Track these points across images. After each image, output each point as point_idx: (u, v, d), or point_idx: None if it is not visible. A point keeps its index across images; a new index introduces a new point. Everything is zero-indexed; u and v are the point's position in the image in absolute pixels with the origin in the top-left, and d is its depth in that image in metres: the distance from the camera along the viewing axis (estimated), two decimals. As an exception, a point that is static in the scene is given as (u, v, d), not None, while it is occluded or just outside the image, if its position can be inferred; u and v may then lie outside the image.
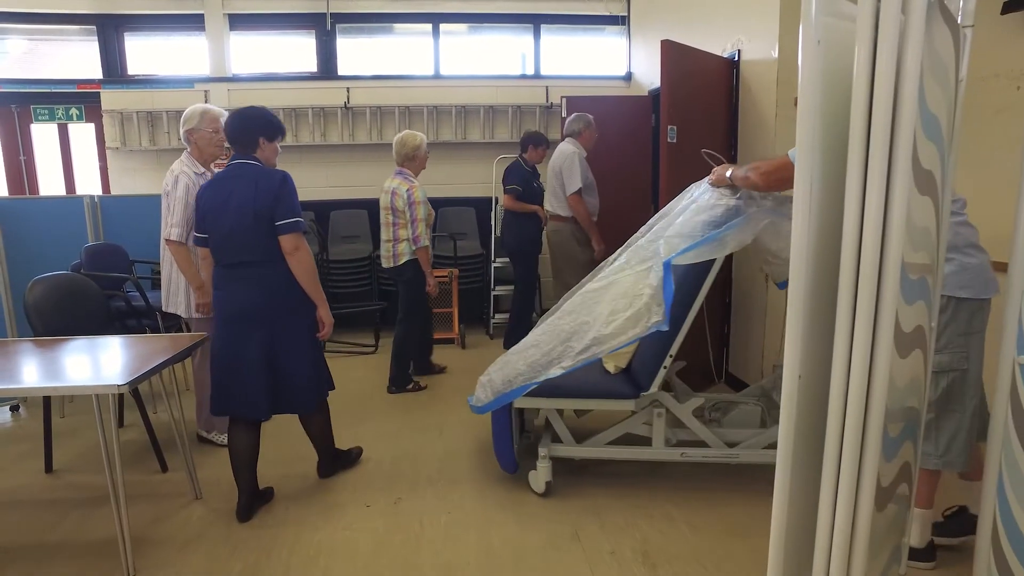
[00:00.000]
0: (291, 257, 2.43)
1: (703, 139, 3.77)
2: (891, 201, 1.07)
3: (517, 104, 5.80)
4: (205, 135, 3.03)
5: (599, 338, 2.35)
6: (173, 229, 2.91)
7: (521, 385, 2.53)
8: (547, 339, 2.56)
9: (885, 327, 1.07)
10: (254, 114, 2.51)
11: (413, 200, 3.73)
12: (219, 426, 3.19)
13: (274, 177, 2.44)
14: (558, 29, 6.06)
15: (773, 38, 3.45)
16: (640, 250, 2.50)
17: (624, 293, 2.42)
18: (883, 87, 1.04)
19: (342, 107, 5.52)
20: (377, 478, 2.86)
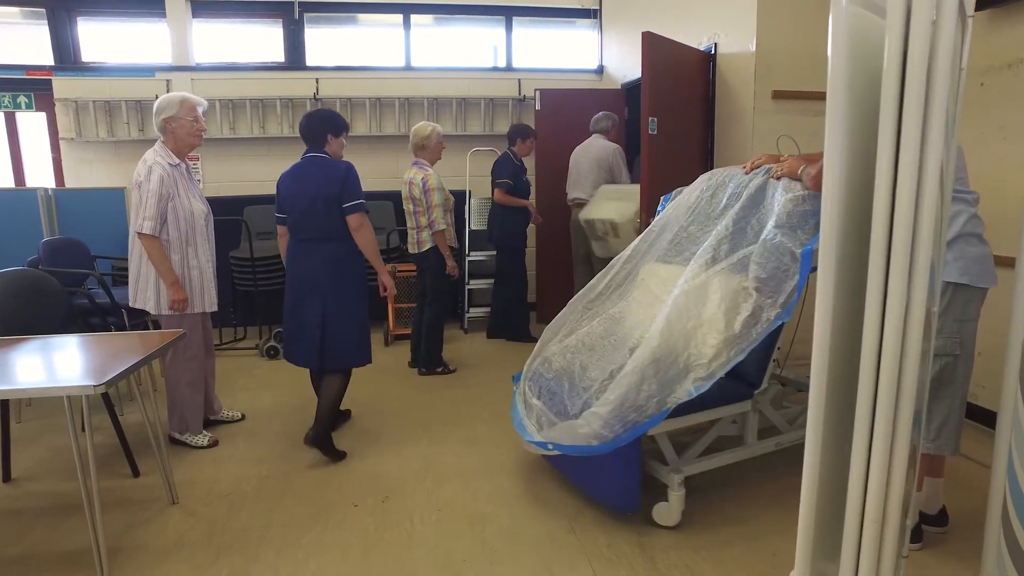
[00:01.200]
0: (356, 233, 2.90)
1: (682, 131, 3.79)
2: (922, 191, 1.06)
3: (490, 97, 5.75)
4: (185, 124, 2.92)
5: (728, 340, 2.13)
6: (146, 222, 2.80)
7: (661, 411, 2.12)
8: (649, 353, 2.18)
9: (917, 306, 1.06)
10: (322, 115, 3.00)
11: (428, 187, 3.91)
12: (193, 427, 3.07)
13: (340, 168, 2.90)
14: (530, 21, 6.02)
15: (751, 32, 3.48)
16: (710, 249, 2.33)
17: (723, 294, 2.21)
18: (915, 81, 1.03)
19: (311, 99, 5.38)
20: (361, 477, 2.78)
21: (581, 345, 2.47)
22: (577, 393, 2.32)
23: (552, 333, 2.67)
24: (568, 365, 2.46)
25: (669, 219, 2.61)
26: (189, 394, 3.03)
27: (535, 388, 2.51)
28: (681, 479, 2.28)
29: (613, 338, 2.39)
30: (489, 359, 4.55)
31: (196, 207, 2.98)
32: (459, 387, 3.96)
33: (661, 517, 2.32)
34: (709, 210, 2.46)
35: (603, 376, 2.24)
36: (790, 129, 3.56)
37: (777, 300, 2.08)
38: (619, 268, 2.62)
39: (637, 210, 3.58)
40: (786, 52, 3.49)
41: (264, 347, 4.51)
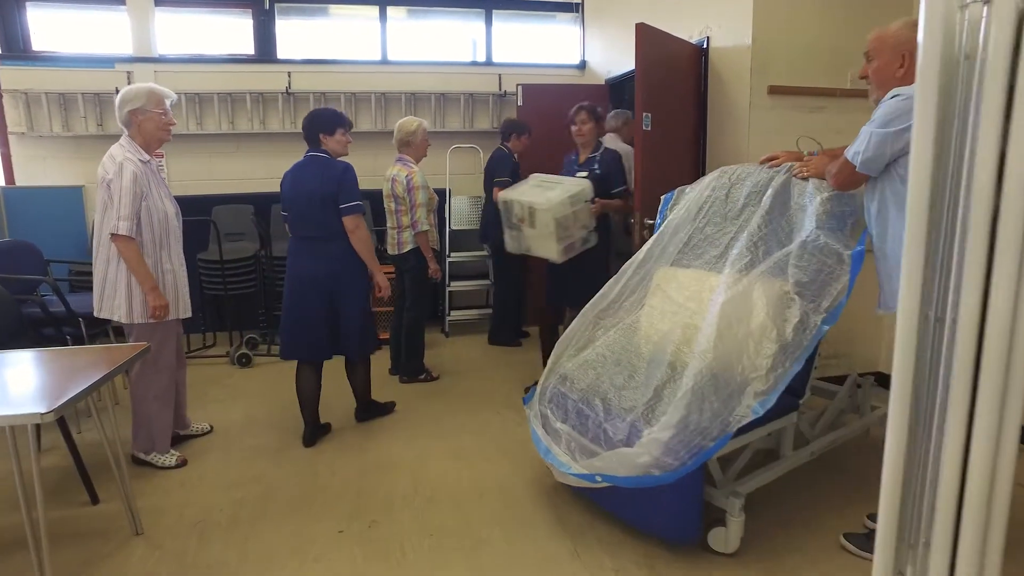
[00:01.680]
0: (352, 235, 2.96)
1: (674, 128, 3.66)
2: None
3: (469, 92, 5.55)
4: (152, 117, 2.71)
5: (783, 349, 1.96)
6: (122, 222, 2.58)
7: (727, 432, 1.94)
8: (706, 368, 1.98)
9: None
10: (315, 115, 3.08)
11: (412, 185, 3.72)
12: (160, 445, 2.83)
13: (336, 168, 2.96)
14: (510, 15, 5.84)
15: (747, 25, 3.36)
16: (746, 252, 2.16)
17: (768, 300, 2.05)
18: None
19: (283, 93, 5.11)
20: (345, 499, 2.58)
21: (603, 359, 2.28)
22: (617, 416, 2.10)
23: (564, 346, 2.47)
24: (595, 383, 2.25)
25: (680, 220, 2.44)
26: (157, 409, 2.81)
27: (558, 411, 2.29)
28: (741, 503, 2.09)
29: (641, 351, 2.20)
30: (473, 365, 4.37)
31: (168, 207, 2.79)
32: (443, 396, 3.77)
33: (718, 543, 2.11)
34: (725, 210, 2.31)
35: (646, 396, 2.05)
36: (787, 125, 3.46)
37: (820, 304, 1.95)
38: (631, 273, 2.43)
39: (564, 202, 3.14)
40: (783, 46, 3.37)
41: (235, 355, 4.26)
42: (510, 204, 3.42)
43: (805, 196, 2.15)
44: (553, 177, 3.52)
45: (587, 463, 2.04)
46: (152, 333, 2.74)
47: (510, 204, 3.42)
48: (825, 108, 3.49)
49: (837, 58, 3.45)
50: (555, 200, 3.17)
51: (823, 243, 2.00)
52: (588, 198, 3.29)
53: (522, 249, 3.49)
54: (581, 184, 3.32)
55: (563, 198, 3.20)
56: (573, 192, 3.24)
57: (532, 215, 3.26)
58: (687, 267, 2.28)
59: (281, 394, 3.76)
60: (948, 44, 0.99)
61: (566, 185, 3.32)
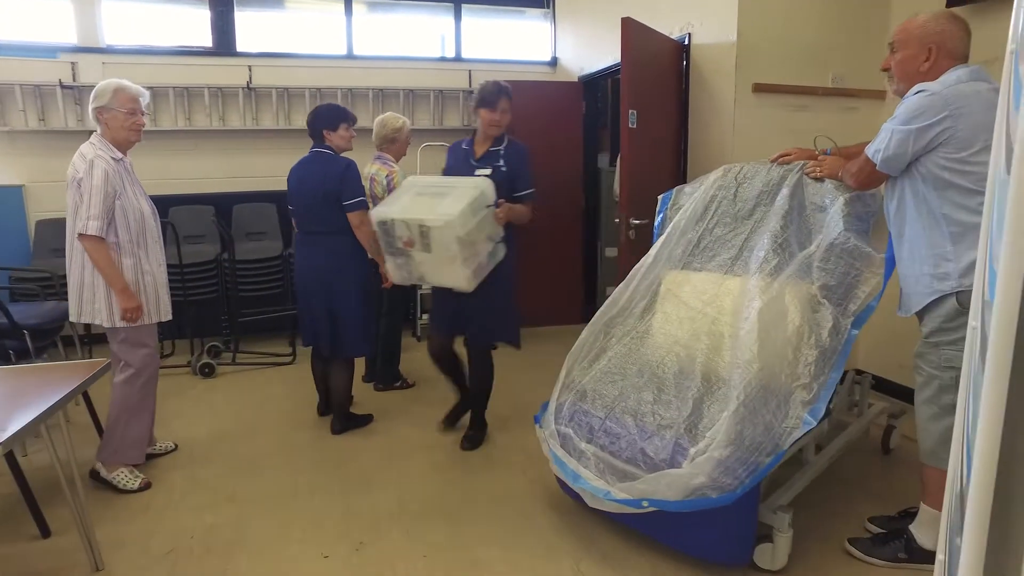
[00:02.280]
0: (358, 230, 3.00)
1: (658, 126, 3.59)
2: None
3: (439, 88, 5.40)
4: (118, 117, 2.54)
5: (824, 354, 1.88)
6: (91, 222, 2.43)
7: (782, 447, 1.85)
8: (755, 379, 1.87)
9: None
10: (318, 111, 3.11)
11: (392, 186, 3.50)
12: (134, 456, 2.64)
13: (339, 164, 3.00)
14: (479, 10, 5.70)
15: (731, 22, 3.31)
16: (773, 255, 2.07)
17: (800, 305, 1.96)
18: None
19: (244, 88, 4.85)
20: (328, 519, 2.41)
21: (622, 372, 2.15)
22: (655, 434, 1.97)
23: (575, 359, 2.33)
24: (620, 398, 2.10)
25: (687, 221, 2.34)
26: (137, 422, 2.66)
27: (581, 430, 2.14)
28: (790, 518, 1.97)
29: (665, 362, 2.07)
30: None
31: (144, 206, 2.63)
32: (420, 404, 3.60)
33: (765, 561, 2.00)
34: (735, 210, 2.22)
35: (685, 411, 1.93)
36: (771, 123, 3.42)
37: (848, 308, 1.86)
38: (640, 278, 2.30)
39: (465, 212, 2.47)
40: (767, 43, 3.33)
41: (197, 364, 4.01)
42: (389, 225, 2.63)
43: (824, 196, 2.08)
44: (436, 180, 2.89)
45: (628, 487, 1.90)
46: (136, 337, 2.60)
47: (389, 225, 2.63)
48: (807, 107, 3.47)
49: (819, 57, 3.44)
50: (452, 212, 2.46)
51: (852, 245, 1.93)
52: (491, 202, 2.63)
53: (413, 280, 2.85)
54: (477, 185, 2.63)
55: (462, 208, 2.47)
56: (472, 198, 2.53)
57: (425, 235, 2.53)
58: (699, 270, 2.19)
59: (249, 405, 3.55)
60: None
61: (460, 189, 2.62)
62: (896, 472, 2.75)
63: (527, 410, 3.47)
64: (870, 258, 1.93)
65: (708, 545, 1.99)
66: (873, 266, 1.92)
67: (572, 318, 5.29)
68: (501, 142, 2.91)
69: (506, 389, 3.80)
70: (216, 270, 4.53)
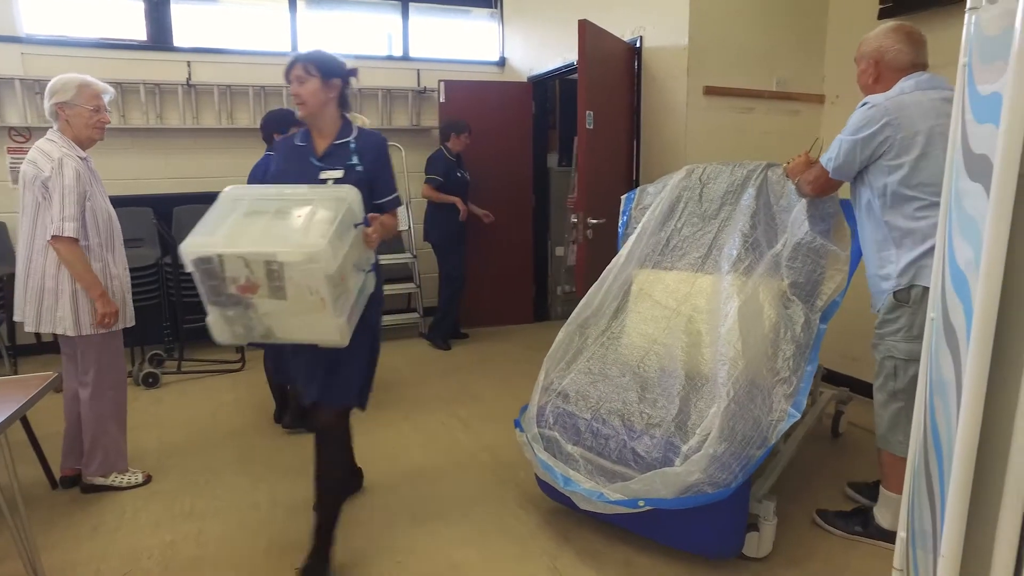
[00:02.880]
0: None
1: (612, 126, 3.65)
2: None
3: (387, 87, 5.32)
4: (82, 113, 2.43)
5: (800, 349, 1.94)
6: (68, 223, 2.32)
7: (771, 441, 1.90)
8: (741, 375, 1.91)
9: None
10: (270, 116, 3.15)
11: None
12: (120, 465, 2.63)
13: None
14: (426, 9, 5.66)
15: (683, 25, 3.40)
16: (745, 255, 2.13)
17: (773, 302, 2.02)
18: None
19: (183, 85, 4.65)
20: (292, 529, 2.34)
21: (603, 373, 2.16)
22: (644, 433, 1.98)
23: (554, 362, 2.32)
24: (605, 399, 2.12)
25: (656, 222, 2.39)
26: (116, 429, 2.60)
27: (567, 432, 2.14)
28: (774, 507, 2.04)
29: (647, 362, 2.10)
30: (404, 373, 4.16)
31: (109, 207, 2.54)
32: (380, 410, 3.53)
33: (751, 549, 2.05)
34: (701, 210, 2.29)
35: (672, 409, 1.96)
36: (722, 125, 3.54)
37: (815, 304, 1.95)
38: (613, 279, 2.33)
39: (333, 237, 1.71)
40: (716, 47, 3.44)
41: (140, 374, 3.82)
42: (213, 264, 1.72)
43: (788, 196, 2.17)
44: (272, 191, 1.96)
45: (623, 487, 1.92)
46: (105, 345, 2.50)
47: (213, 264, 1.72)
48: (754, 109, 3.61)
49: (764, 61, 3.58)
50: (317, 240, 1.69)
51: (819, 244, 2.03)
52: (360, 218, 1.90)
53: (254, 338, 1.88)
54: (340, 196, 1.86)
55: (328, 230, 1.72)
56: (336, 215, 1.78)
57: (276, 276, 1.71)
58: (669, 269, 2.24)
59: (200, 415, 3.41)
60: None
61: (316, 203, 1.82)
62: (845, 455, 2.89)
63: (487, 409, 3.48)
64: (835, 256, 2.03)
65: (701, 539, 2.03)
66: (838, 263, 2.02)
67: (523, 317, 5.32)
68: (350, 131, 2.08)
69: (461, 389, 3.80)
70: (157, 275, 4.32)
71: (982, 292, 0.95)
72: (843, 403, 3.04)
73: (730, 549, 2.03)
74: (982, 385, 0.97)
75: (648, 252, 2.32)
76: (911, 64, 2.05)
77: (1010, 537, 1.02)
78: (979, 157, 1.21)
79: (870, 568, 2.07)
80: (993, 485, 1.05)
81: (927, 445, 1.46)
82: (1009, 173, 0.93)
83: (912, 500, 1.60)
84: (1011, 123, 0.92)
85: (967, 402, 0.98)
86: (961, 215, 1.36)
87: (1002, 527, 1.01)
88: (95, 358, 2.48)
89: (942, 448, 1.26)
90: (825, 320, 2.01)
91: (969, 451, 0.99)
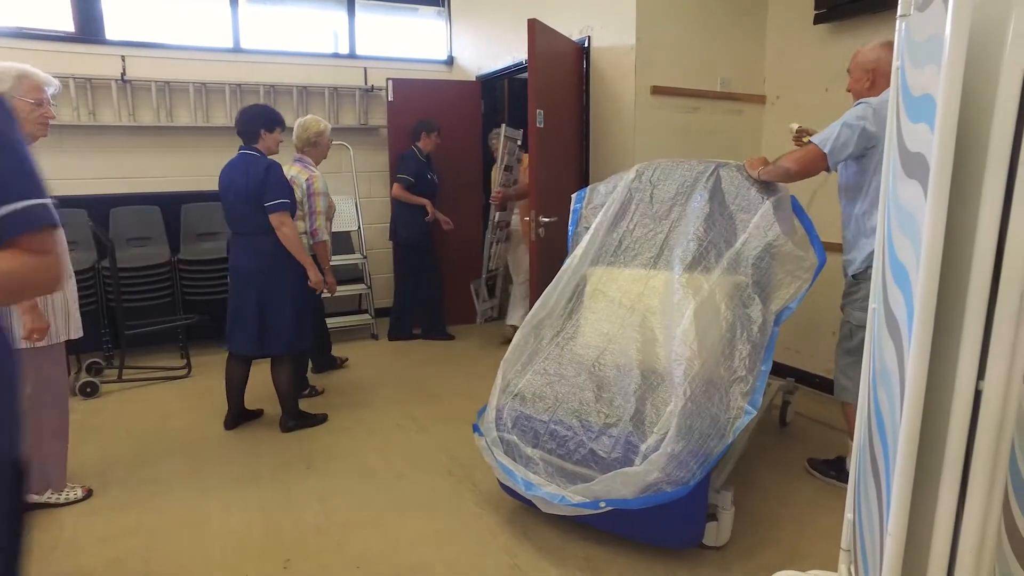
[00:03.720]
0: (278, 231, 3.00)
1: (562, 125, 3.69)
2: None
3: (333, 86, 5.22)
4: (23, 107, 2.20)
5: (756, 348, 1.98)
6: None
7: (728, 439, 1.93)
8: (697, 375, 1.94)
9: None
10: (255, 111, 3.09)
11: (313, 191, 3.45)
12: (56, 482, 2.51)
13: (260, 166, 2.99)
14: (372, 6, 5.58)
15: (630, 26, 3.46)
16: (696, 262, 2.16)
17: (730, 302, 2.06)
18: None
19: (117, 80, 4.45)
20: (249, 538, 2.28)
21: (559, 373, 2.17)
22: (603, 433, 1.99)
23: (510, 364, 2.31)
24: (561, 400, 2.12)
25: (609, 223, 2.41)
26: (57, 446, 2.51)
27: (525, 435, 2.12)
28: (731, 496, 2.10)
29: (603, 360, 2.11)
30: (358, 374, 4.10)
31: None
32: (333, 413, 3.47)
33: (710, 538, 2.10)
34: (652, 211, 2.32)
35: (628, 407, 1.97)
36: (669, 124, 3.62)
37: (770, 308, 2.01)
38: (567, 280, 2.33)
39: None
40: (663, 48, 3.52)
41: (78, 384, 3.64)
42: None
43: (747, 198, 2.23)
44: None
45: (583, 488, 1.92)
46: (43, 358, 2.34)
47: None
48: (699, 109, 3.70)
49: (709, 62, 3.68)
50: None
51: (788, 249, 2.11)
52: None
53: None
54: None
55: None
56: None
57: None
58: (624, 268, 2.27)
59: (145, 424, 3.28)
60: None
61: None
62: (794, 443, 3.01)
63: (443, 409, 3.46)
64: (799, 262, 2.11)
65: (662, 532, 2.08)
66: (801, 269, 2.10)
67: (475, 316, 5.32)
68: None
69: (416, 389, 3.77)
70: (93, 280, 4.13)
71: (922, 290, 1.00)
72: (790, 393, 3.16)
73: (690, 539, 2.08)
74: (923, 377, 1.02)
75: (600, 254, 2.34)
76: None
77: (948, 515, 1.08)
78: (915, 155, 1.28)
79: (824, 551, 2.16)
80: (933, 467, 1.11)
81: (871, 429, 1.54)
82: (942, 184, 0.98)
83: (858, 483, 1.68)
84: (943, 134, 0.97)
85: (910, 392, 1.04)
86: (899, 210, 1.44)
87: (941, 507, 1.07)
88: (31, 374, 2.33)
89: (886, 432, 1.32)
90: (778, 323, 2.07)
91: (912, 438, 1.04)
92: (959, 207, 1.02)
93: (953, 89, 0.97)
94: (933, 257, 0.99)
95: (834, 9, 3.36)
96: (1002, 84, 0.97)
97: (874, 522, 1.37)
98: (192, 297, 4.41)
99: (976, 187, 1.01)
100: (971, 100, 1.03)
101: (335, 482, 2.69)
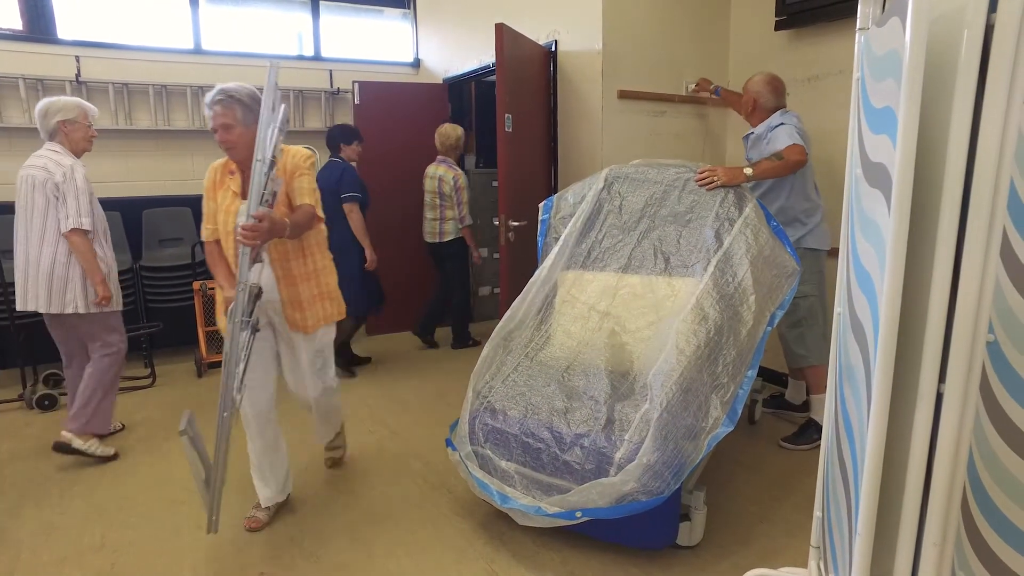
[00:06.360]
0: (348, 217, 3.85)
1: (530, 129, 3.70)
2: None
3: (299, 88, 5.16)
4: (81, 128, 2.93)
5: (741, 355, 1.97)
6: (84, 219, 2.82)
7: (704, 449, 1.94)
8: (674, 384, 1.95)
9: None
10: (334, 130, 4.04)
11: (459, 186, 4.34)
12: (102, 426, 2.97)
13: (339, 168, 3.90)
14: (337, 8, 5.52)
15: (596, 31, 3.49)
16: (672, 268, 2.20)
17: (713, 309, 2.05)
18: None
19: (71, 81, 4.31)
20: (222, 552, 2.24)
21: (529, 384, 2.16)
22: (574, 443, 1.99)
23: (479, 377, 2.30)
24: (532, 410, 2.12)
25: (579, 233, 2.43)
26: (108, 397, 3.00)
27: (499, 449, 2.12)
28: (704, 496, 2.14)
29: (573, 367, 2.11)
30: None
31: (100, 207, 2.97)
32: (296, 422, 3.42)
33: (684, 538, 2.13)
34: (621, 222, 2.33)
35: (599, 415, 1.97)
36: (636, 128, 3.67)
37: (764, 310, 2.04)
38: (536, 291, 2.33)
39: None
40: (629, 53, 3.56)
41: (34, 397, 3.52)
42: None
43: (725, 205, 2.25)
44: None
45: (560, 500, 1.93)
46: (106, 320, 2.96)
47: None
48: (666, 112, 3.76)
49: (674, 67, 3.73)
50: None
51: (776, 254, 2.16)
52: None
53: None
54: None
55: None
56: None
57: None
58: (596, 273, 2.28)
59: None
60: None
61: None
62: (763, 440, 3.07)
63: (415, 416, 3.44)
64: (785, 265, 2.16)
65: (636, 533, 2.10)
66: (786, 272, 2.15)
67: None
68: None
69: (387, 396, 3.74)
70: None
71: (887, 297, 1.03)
72: (757, 391, 3.23)
73: (664, 540, 2.12)
74: (888, 382, 1.06)
75: (570, 264, 2.34)
76: (776, 106, 2.90)
77: (913, 511, 1.12)
78: (876, 165, 1.32)
79: (795, 547, 2.21)
80: (898, 466, 1.16)
81: (839, 430, 1.59)
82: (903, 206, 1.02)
83: (827, 482, 1.73)
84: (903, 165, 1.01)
85: (876, 396, 1.07)
86: (862, 217, 1.48)
87: (906, 504, 1.12)
88: (99, 332, 2.93)
89: (853, 433, 1.37)
90: (771, 324, 2.11)
91: (878, 441, 1.08)
92: (920, 219, 1.07)
93: (911, 121, 1.01)
94: (896, 272, 1.03)
95: (794, 16, 3.44)
96: (956, 98, 1.01)
97: (843, 520, 1.42)
98: (155, 304, 4.30)
99: (935, 201, 1.05)
100: (929, 111, 1.08)
101: (306, 492, 2.65)
